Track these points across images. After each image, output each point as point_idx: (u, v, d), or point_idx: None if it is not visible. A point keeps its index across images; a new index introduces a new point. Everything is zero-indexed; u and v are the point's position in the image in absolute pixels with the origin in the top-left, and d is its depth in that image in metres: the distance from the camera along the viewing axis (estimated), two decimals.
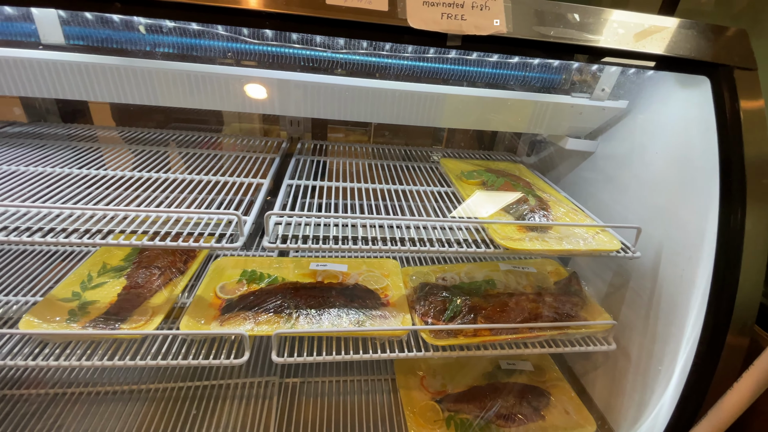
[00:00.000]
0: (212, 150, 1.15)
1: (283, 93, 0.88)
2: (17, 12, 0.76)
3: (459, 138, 1.70)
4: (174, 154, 1.12)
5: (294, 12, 0.61)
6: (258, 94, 0.90)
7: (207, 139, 1.27)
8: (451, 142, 1.69)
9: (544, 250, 0.79)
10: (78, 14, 0.76)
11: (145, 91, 0.88)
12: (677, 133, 0.86)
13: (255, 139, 1.32)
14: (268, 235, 0.77)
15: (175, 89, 0.88)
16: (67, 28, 0.78)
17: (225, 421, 0.95)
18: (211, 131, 1.38)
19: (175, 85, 0.88)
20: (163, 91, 0.89)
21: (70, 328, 0.79)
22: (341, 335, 0.84)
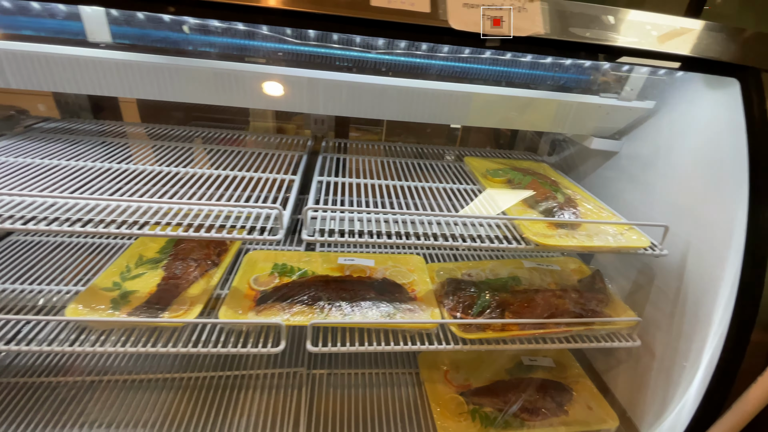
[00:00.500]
0: (239, 147, 1.18)
1: (321, 92, 0.91)
2: (67, 11, 0.80)
3: (474, 137, 1.73)
4: (201, 150, 1.15)
5: (340, 13, 0.63)
6: (295, 92, 0.93)
7: (233, 137, 1.30)
8: (466, 141, 1.71)
9: (575, 247, 0.81)
10: (127, 14, 0.79)
11: (185, 89, 0.91)
12: (705, 134, 0.88)
13: (279, 137, 1.35)
14: (306, 228, 0.80)
15: (214, 88, 0.91)
16: (114, 27, 0.81)
17: (257, 409, 0.98)
18: (237, 129, 1.42)
19: (214, 83, 0.91)
20: (201, 90, 0.92)
21: (114, 316, 0.82)
22: (374, 327, 0.87)
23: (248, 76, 0.88)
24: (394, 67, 0.92)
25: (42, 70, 0.85)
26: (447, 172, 1.16)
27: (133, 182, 0.90)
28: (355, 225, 0.84)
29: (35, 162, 0.93)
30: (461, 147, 1.47)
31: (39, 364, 1.05)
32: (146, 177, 0.92)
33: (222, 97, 0.94)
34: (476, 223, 0.86)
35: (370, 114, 1.03)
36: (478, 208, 0.94)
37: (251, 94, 0.92)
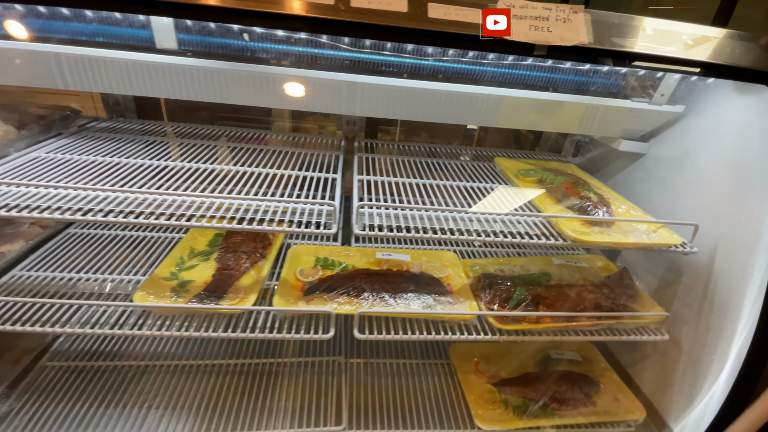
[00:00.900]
0: (275, 146, 1.24)
1: (369, 95, 0.97)
2: (139, 20, 0.87)
3: (491, 137, 1.77)
4: (239, 149, 1.20)
5: (405, 25, 0.69)
6: (342, 96, 0.99)
7: (266, 136, 1.36)
8: (483, 141, 1.76)
9: (611, 243, 0.86)
10: (196, 23, 0.86)
11: (238, 92, 0.98)
12: (734, 138, 0.92)
13: (312, 137, 1.40)
14: (357, 223, 0.85)
15: (270, 91, 0.98)
16: (181, 35, 0.87)
17: (302, 394, 1.04)
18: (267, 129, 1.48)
19: (264, 87, 0.97)
20: (251, 93, 0.99)
21: (178, 302, 0.88)
22: (418, 317, 0.92)
23: (307, 80, 0.94)
24: (433, 72, 0.98)
25: (110, 74, 0.92)
26: (479, 171, 1.21)
27: (183, 179, 0.96)
28: (400, 221, 0.90)
29: (91, 159, 0.98)
30: (484, 147, 1.51)
31: (98, 348, 1.12)
32: (194, 174, 0.98)
33: (273, 99, 1.00)
34: (515, 220, 0.91)
35: (408, 116, 1.08)
36: (515, 207, 0.99)
37: (303, 97, 0.98)
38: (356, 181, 1.07)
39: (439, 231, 0.86)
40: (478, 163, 1.28)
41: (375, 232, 0.84)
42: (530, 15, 0.73)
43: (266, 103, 0.99)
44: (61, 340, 1.14)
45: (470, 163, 1.27)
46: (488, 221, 0.92)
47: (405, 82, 0.94)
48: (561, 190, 1.03)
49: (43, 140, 1.08)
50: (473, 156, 1.35)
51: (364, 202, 0.85)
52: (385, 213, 0.91)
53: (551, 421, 1.02)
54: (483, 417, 1.00)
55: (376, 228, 0.85)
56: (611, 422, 1.04)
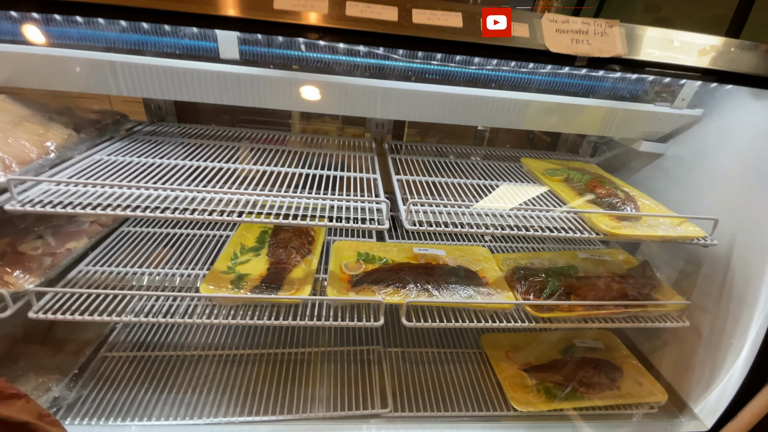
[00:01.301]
0: (310, 148, 1.30)
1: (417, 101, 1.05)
2: (204, 34, 0.94)
3: (502, 138, 1.85)
4: (279, 150, 1.27)
5: (461, 39, 0.76)
6: (392, 101, 1.06)
7: (303, 139, 1.43)
8: (493, 142, 1.83)
9: (642, 236, 0.94)
10: (255, 36, 0.93)
11: (289, 98, 1.05)
12: (750, 140, 1.00)
13: (344, 139, 1.47)
14: (407, 219, 0.93)
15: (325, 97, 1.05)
16: (243, 47, 0.94)
17: (347, 379, 1.11)
18: (305, 132, 1.55)
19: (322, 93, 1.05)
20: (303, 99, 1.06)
21: (240, 293, 0.95)
22: (462, 306, 1.00)
23: (362, 88, 1.02)
24: (472, 79, 1.05)
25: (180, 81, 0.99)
26: (507, 171, 1.28)
27: (232, 178, 1.02)
28: (444, 217, 0.97)
29: (145, 161, 1.05)
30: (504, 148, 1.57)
31: (150, 340, 1.19)
32: (240, 174, 1.04)
33: (319, 105, 1.07)
34: (551, 216, 0.99)
35: (439, 119, 1.15)
36: (542, 203, 1.07)
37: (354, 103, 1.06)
38: (395, 180, 1.14)
39: (483, 226, 0.94)
40: (505, 163, 1.35)
41: (425, 227, 0.91)
42: (571, 29, 0.81)
43: (320, 109, 1.07)
44: (116, 332, 1.20)
45: (498, 163, 1.34)
46: (525, 217, 0.99)
47: (454, 89, 1.03)
48: (589, 188, 1.10)
49: (99, 143, 1.14)
50: (498, 156, 1.43)
51: (415, 200, 0.92)
52: (430, 210, 0.98)
53: (580, 403, 1.10)
54: (517, 400, 1.08)
55: (425, 224, 0.93)
56: (635, 404, 1.12)
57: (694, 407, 1.09)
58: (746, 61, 0.87)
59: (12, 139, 0.94)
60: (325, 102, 1.06)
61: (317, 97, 1.04)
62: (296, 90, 1.01)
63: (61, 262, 0.99)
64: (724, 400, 1.01)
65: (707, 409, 1.05)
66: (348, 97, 1.06)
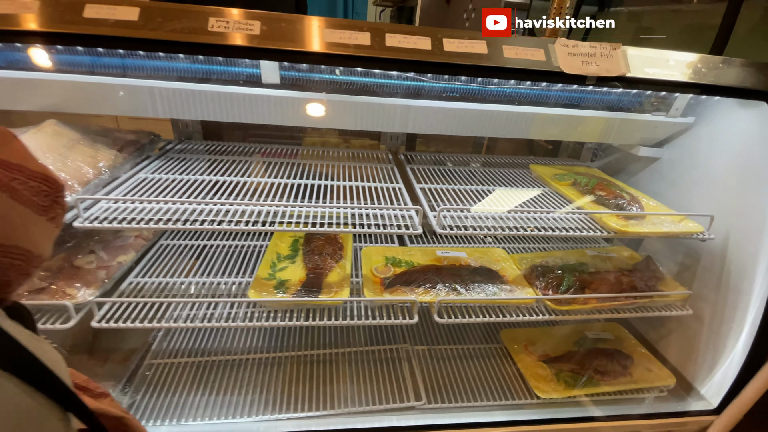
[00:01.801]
0: (331, 161, 1.39)
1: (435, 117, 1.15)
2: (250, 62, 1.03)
3: (501, 146, 1.96)
4: (299, 164, 1.36)
5: (487, 64, 0.87)
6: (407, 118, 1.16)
7: (322, 153, 1.52)
8: (492, 150, 1.94)
9: (649, 232, 1.04)
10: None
11: (325, 117, 1.14)
12: (739, 144, 1.11)
13: (360, 151, 1.56)
14: (438, 225, 1.02)
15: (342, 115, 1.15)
16: (284, 72, 1.04)
17: (380, 376, 1.19)
18: (324, 145, 1.64)
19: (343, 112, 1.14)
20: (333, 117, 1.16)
21: (284, 297, 1.03)
22: (489, 303, 1.09)
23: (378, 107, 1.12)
24: (487, 95, 1.16)
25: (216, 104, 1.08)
26: (518, 177, 1.39)
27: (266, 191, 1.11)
28: (469, 221, 1.07)
29: (184, 177, 1.11)
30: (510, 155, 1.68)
31: (191, 346, 1.25)
32: (272, 187, 1.13)
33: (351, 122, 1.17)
34: (567, 217, 1.09)
35: (458, 132, 1.26)
36: (556, 206, 1.17)
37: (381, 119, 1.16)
38: (418, 189, 1.23)
39: (506, 228, 1.03)
40: (515, 169, 1.46)
41: (454, 231, 1.01)
42: (581, 53, 0.92)
43: (351, 126, 1.17)
44: (158, 341, 1.27)
45: (509, 170, 1.45)
46: (543, 219, 1.09)
47: (474, 105, 1.13)
48: (596, 191, 1.21)
49: (140, 162, 1.22)
50: (508, 164, 1.54)
51: (446, 207, 1.02)
52: (456, 215, 1.08)
53: (596, 389, 1.19)
54: (540, 388, 1.17)
55: (454, 227, 1.02)
56: (646, 388, 1.21)
57: (700, 389, 1.19)
58: (731, 75, 0.98)
59: (70, 161, 1.01)
60: (355, 119, 1.15)
61: (350, 116, 1.13)
62: (332, 110, 1.11)
63: (114, 275, 1.06)
64: (728, 381, 1.11)
65: (712, 390, 1.15)
66: (376, 114, 1.15)
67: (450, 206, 1.04)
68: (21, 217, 0.36)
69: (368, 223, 1.01)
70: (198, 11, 0.79)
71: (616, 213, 1.10)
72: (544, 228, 1.04)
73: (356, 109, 1.14)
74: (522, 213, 1.09)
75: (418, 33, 0.85)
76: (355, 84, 1.09)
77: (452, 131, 1.25)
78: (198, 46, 0.78)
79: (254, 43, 0.79)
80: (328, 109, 1.12)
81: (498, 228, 1.03)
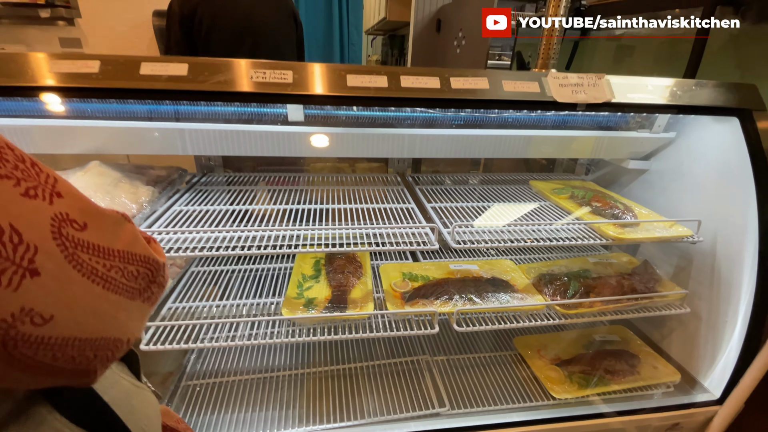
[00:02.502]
0: (343, 186, 1.51)
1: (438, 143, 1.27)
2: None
3: (500, 163, 2.09)
4: (318, 189, 1.47)
5: (489, 98, 0.99)
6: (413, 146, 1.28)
7: (336, 179, 1.63)
8: (491, 166, 2.07)
9: (643, 238, 1.15)
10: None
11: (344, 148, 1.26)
12: (717, 154, 1.24)
13: (369, 175, 1.67)
14: (453, 240, 1.12)
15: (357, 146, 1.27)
16: (307, 111, 1.16)
17: (404, 386, 1.26)
18: (336, 171, 1.76)
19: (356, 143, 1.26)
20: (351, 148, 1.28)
21: (314, 314, 1.12)
22: (502, 311, 1.18)
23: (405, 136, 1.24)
24: (486, 122, 1.29)
25: (246, 141, 1.19)
26: (520, 192, 1.50)
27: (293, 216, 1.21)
28: (479, 235, 1.17)
29: (214, 208, 1.22)
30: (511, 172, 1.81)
31: (221, 367, 1.32)
32: (296, 213, 1.23)
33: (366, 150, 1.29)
34: (569, 228, 1.20)
35: (462, 155, 1.38)
36: (561, 218, 1.28)
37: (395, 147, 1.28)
38: (430, 208, 1.34)
39: (515, 241, 1.14)
40: (516, 186, 1.58)
41: (468, 245, 1.11)
42: (570, 83, 1.05)
43: (365, 154, 1.28)
44: (191, 363, 1.34)
45: (510, 186, 1.56)
46: (547, 230, 1.20)
47: (476, 131, 1.26)
48: (593, 202, 1.32)
49: (173, 196, 1.32)
50: (509, 181, 1.66)
51: (459, 223, 1.12)
52: (468, 230, 1.18)
53: (608, 388, 1.27)
54: (555, 390, 1.24)
55: (468, 242, 1.12)
56: (654, 385, 1.29)
57: (703, 381, 1.27)
58: (703, 96, 1.11)
59: (116, 198, 1.11)
60: (370, 148, 1.27)
61: (365, 145, 1.25)
62: (350, 141, 1.23)
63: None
64: (727, 372, 1.19)
65: (715, 382, 1.24)
66: (389, 142, 1.27)
67: (462, 222, 1.14)
68: (113, 307, 0.34)
69: (388, 241, 1.11)
70: (237, 64, 0.92)
71: (612, 222, 1.21)
72: (549, 239, 1.15)
73: (371, 140, 1.26)
74: (528, 225, 1.19)
75: (429, 74, 0.98)
76: (371, 117, 1.22)
77: (457, 155, 1.37)
78: (242, 95, 0.89)
79: (289, 90, 0.91)
80: (346, 141, 1.24)
81: (508, 240, 1.13)
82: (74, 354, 0.31)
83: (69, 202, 0.32)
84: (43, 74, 0.84)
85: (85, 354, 0.32)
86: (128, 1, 3.63)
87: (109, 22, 3.61)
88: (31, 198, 0.29)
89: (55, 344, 0.29)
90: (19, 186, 0.28)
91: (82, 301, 0.31)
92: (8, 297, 0.26)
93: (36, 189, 0.29)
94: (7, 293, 0.26)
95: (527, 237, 1.15)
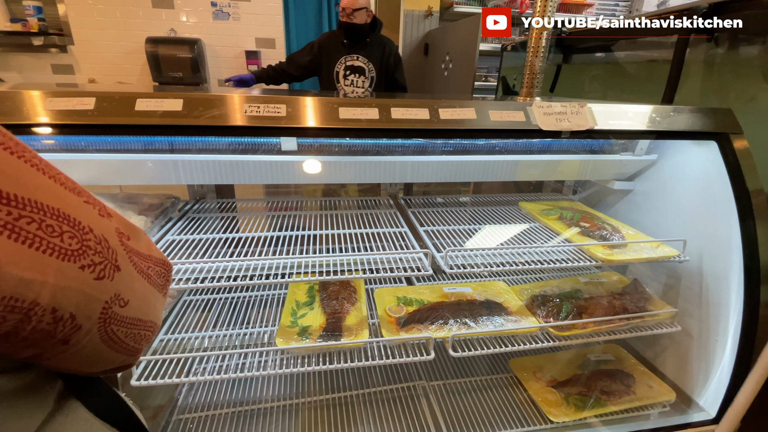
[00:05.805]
0: (336, 210, 1.52)
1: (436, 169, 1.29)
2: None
3: (489, 184, 2.14)
4: (311, 215, 1.48)
5: (477, 127, 1.02)
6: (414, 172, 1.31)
7: (329, 203, 1.64)
8: (479, 188, 2.11)
9: (631, 259, 1.17)
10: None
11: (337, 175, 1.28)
12: (697, 174, 1.28)
13: (362, 199, 1.69)
14: (446, 264, 1.13)
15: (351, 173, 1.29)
16: (300, 140, 1.18)
17: (403, 412, 1.25)
18: (328, 195, 1.77)
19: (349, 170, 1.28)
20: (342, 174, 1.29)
21: (310, 343, 1.11)
22: (497, 334, 1.18)
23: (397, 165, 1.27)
24: (477, 149, 1.32)
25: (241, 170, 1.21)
26: (510, 214, 1.53)
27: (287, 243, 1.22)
28: (472, 259, 1.18)
29: (207, 237, 1.22)
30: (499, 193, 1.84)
31: (212, 400, 1.30)
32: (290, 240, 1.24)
33: (358, 177, 1.31)
34: (560, 249, 1.22)
35: (454, 179, 1.41)
36: (549, 239, 1.30)
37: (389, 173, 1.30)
38: (422, 232, 1.36)
39: (506, 264, 1.15)
40: (506, 207, 1.61)
41: (461, 270, 1.12)
42: (554, 111, 1.09)
43: (358, 180, 1.30)
44: (182, 396, 1.31)
45: (501, 208, 1.59)
46: (538, 252, 1.22)
47: (471, 157, 1.29)
48: (581, 223, 1.35)
49: (165, 225, 1.32)
50: (499, 202, 1.69)
51: (452, 249, 1.14)
52: (461, 254, 1.19)
53: (604, 409, 1.27)
54: (553, 413, 1.24)
55: (461, 266, 1.13)
56: (650, 405, 1.30)
57: (698, 400, 1.28)
58: (681, 121, 1.16)
59: None
60: (362, 175, 1.29)
61: (357, 172, 1.27)
62: (342, 168, 1.25)
63: None
64: (721, 390, 1.20)
65: (710, 400, 1.24)
66: (381, 169, 1.30)
67: (455, 248, 1.16)
68: (153, 297, 0.45)
69: (383, 267, 1.11)
70: (231, 99, 0.94)
71: (601, 243, 1.23)
72: (541, 261, 1.17)
73: (363, 167, 1.28)
74: (519, 249, 1.21)
75: (418, 105, 1.01)
76: (363, 145, 1.24)
77: (448, 179, 1.40)
78: (237, 129, 0.91)
79: (283, 123, 0.93)
80: (339, 168, 1.26)
81: (500, 264, 1.14)
82: (135, 332, 0.42)
83: (117, 219, 0.42)
84: (38, 112, 0.85)
85: (140, 333, 0.43)
86: (121, 29, 3.69)
87: (102, 48, 3.65)
88: (102, 217, 0.39)
89: (130, 323, 0.40)
90: (95, 208, 0.39)
91: (139, 290, 0.42)
92: (108, 285, 0.37)
93: (101, 210, 0.40)
94: (106, 282, 0.37)
95: (518, 260, 1.16)
